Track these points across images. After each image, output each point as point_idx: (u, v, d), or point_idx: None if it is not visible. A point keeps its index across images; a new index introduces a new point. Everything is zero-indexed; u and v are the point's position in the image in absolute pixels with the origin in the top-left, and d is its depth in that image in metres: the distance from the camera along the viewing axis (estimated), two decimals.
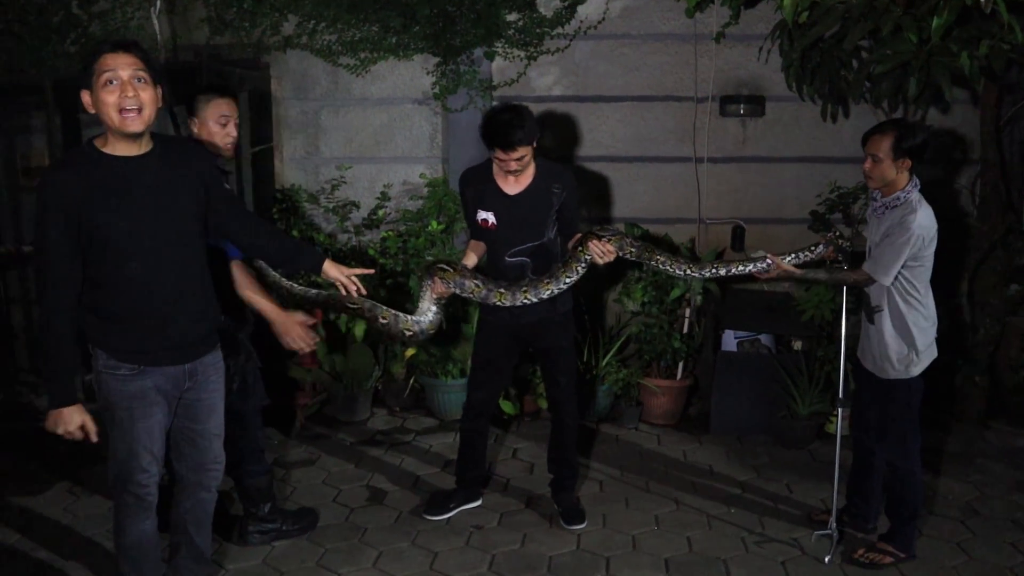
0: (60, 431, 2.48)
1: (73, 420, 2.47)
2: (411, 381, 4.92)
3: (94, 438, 2.52)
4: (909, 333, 3.25)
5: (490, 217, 3.40)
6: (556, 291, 3.30)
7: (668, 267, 3.38)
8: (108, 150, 2.45)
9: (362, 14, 4.89)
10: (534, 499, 3.92)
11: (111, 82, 2.34)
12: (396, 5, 4.82)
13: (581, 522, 3.66)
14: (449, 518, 3.72)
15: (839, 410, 3.56)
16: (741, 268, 3.41)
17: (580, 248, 3.28)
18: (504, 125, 3.18)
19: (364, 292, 2.92)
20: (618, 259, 3.29)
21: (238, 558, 3.39)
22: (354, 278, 2.90)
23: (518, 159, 3.24)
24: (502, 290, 3.29)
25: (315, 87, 5.15)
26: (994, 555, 3.47)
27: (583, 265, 3.29)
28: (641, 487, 4.06)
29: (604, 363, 4.78)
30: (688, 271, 3.40)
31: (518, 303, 3.30)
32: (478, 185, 3.43)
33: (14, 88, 4.95)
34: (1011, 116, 4.93)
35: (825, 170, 5.09)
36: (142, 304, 2.51)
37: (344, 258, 4.93)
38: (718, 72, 5.07)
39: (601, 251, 3.23)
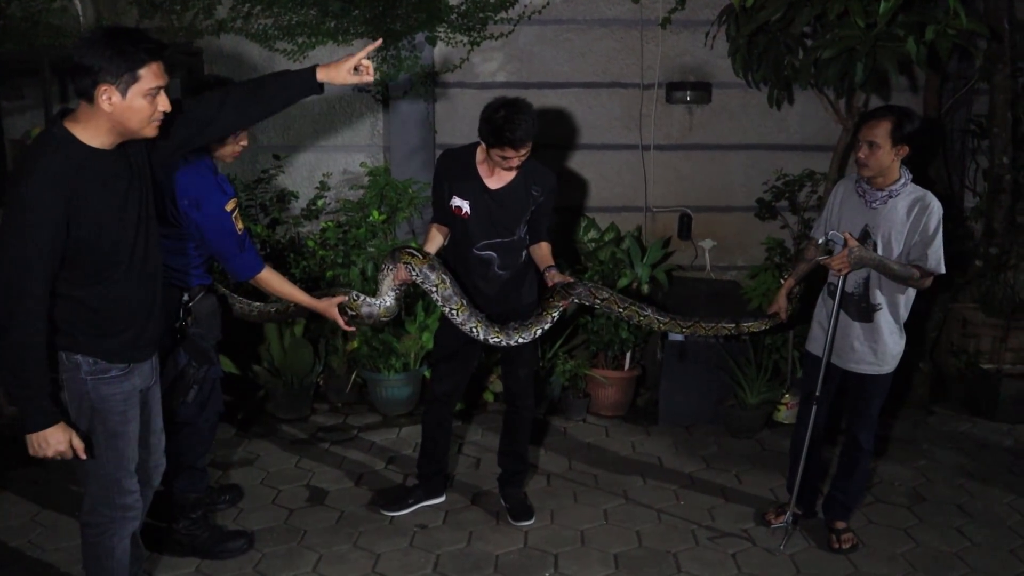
0: (50, 453, 2.28)
1: (61, 439, 2.27)
2: (353, 376, 4.78)
3: (83, 455, 2.34)
4: (902, 329, 3.22)
5: (465, 206, 3.28)
6: (524, 340, 3.27)
7: (636, 318, 3.43)
8: (88, 141, 2.21)
9: None
10: (480, 495, 3.82)
11: (155, 92, 2.21)
12: None
13: (529, 518, 3.58)
14: (407, 514, 3.61)
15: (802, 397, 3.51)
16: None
17: (552, 300, 3.27)
18: (511, 122, 3.02)
19: None
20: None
21: (171, 567, 3.23)
22: None
23: (523, 155, 3.14)
24: (480, 321, 3.22)
25: (250, 73, 4.92)
26: (940, 541, 3.48)
27: (554, 319, 3.29)
28: (589, 481, 3.98)
29: (551, 354, 4.70)
30: (656, 321, 3.43)
31: (489, 339, 3.24)
32: (459, 172, 3.30)
33: None
34: (952, 104, 4.97)
35: (772, 157, 5.08)
36: (134, 303, 2.41)
37: (282, 250, 4.77)
38: (664, 58, 5.01)
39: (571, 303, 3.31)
